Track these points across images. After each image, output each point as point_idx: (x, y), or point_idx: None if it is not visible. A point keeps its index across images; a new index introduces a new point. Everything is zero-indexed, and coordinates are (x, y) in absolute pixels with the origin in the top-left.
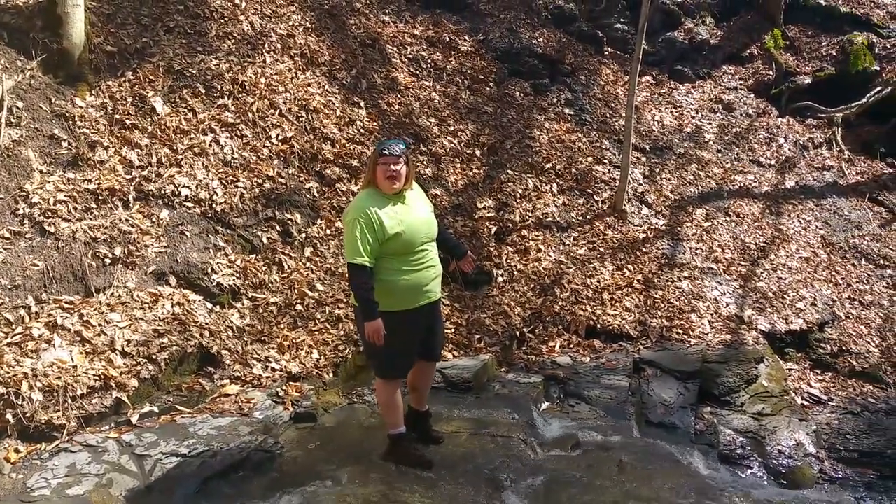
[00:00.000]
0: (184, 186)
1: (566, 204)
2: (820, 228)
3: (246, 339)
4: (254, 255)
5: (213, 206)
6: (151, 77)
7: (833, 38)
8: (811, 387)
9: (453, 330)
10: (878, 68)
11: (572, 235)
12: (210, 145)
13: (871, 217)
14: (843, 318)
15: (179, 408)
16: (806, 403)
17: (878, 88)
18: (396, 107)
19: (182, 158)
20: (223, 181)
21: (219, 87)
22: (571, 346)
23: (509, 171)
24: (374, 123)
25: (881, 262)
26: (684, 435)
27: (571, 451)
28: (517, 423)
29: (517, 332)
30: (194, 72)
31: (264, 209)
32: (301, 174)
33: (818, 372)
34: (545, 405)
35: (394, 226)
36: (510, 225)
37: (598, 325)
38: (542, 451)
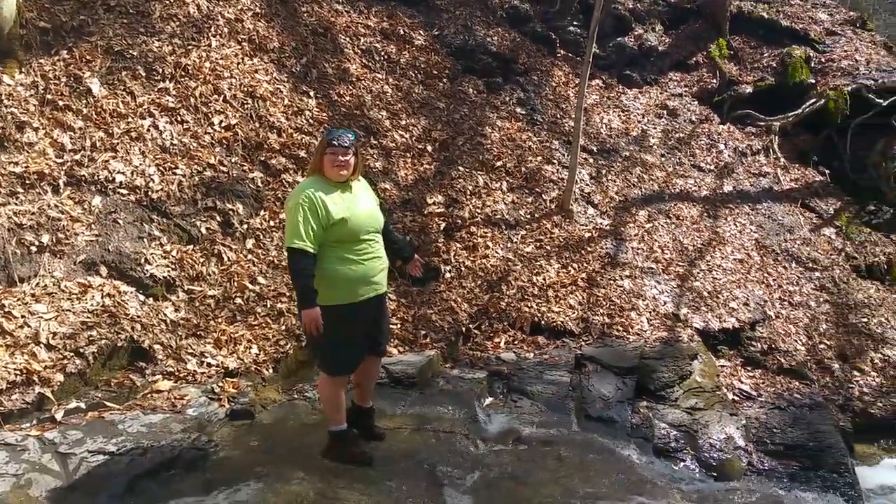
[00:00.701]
0: (118, 172)
1: (515, 202)
2: (754, 232)
3: (180, 333)
4: (191, 246)
5: (150, 193)
6: (88, 57)
7: (774, 51)
8: (742, 383)
9: (399, 325)
10: (813, 81)
11: (520, 233)
12: (148, 130)
13: (802, 222)
14: (774, 317)
15: (108, 404)
16: (736, 398)
17: (813, 100)
18: (347, 98)
19: (118, 143)
20: (161, 168)
21: (160, 70)
22: (516, 342)
23: (460, 168)
24: (324, 114)
25: (810, 264)
26: (621, 429)
27: (513, 445)
28: (460, 419)
29: (463, 328)
30: (135, 53)
31: (204, 198)
32: (244, 163)
33: (749, 369)
34: (489, 400)
35: (339, 211)
36: (459, 221)
37: (543, 322)
38: (483, 445)
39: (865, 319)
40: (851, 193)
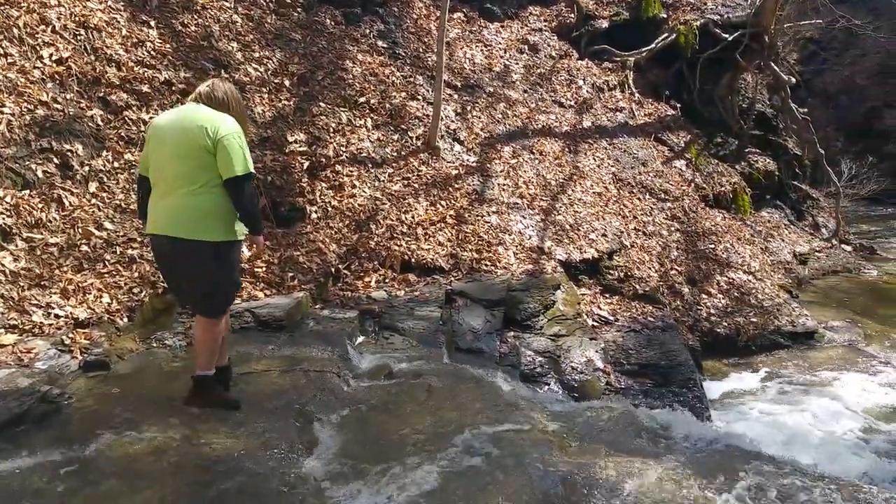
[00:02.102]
0: None
1: (381, 139)
2: (612, 166)
3: (22, 283)
4: (27, 191)
5: None
6: None
7: None
8: (600, 309)
9: (264, 269)
10: (665, 15)
11: (387, 171)
12: None
13: (655, 155)
14: (629, 246)
15: None
16: (596, 324)
17: (665, 35)
18: (193, 28)
19: None
20: None
21: None
22: (387, 280)
23: (321, 104)
24: (168, 45)
25: (662, 195)
26: (490, 358)
27: (384, 380)
28: (330, 358)
29: (332, 269)
30: None
31: (38, 139)
32: (81, 100)
33: (607, 296)
34: (360, 339)
35: None
36: (323, 160)
37: (413, 260)
38: (355, 382)
39: (712, 246)
40: (700, 126)
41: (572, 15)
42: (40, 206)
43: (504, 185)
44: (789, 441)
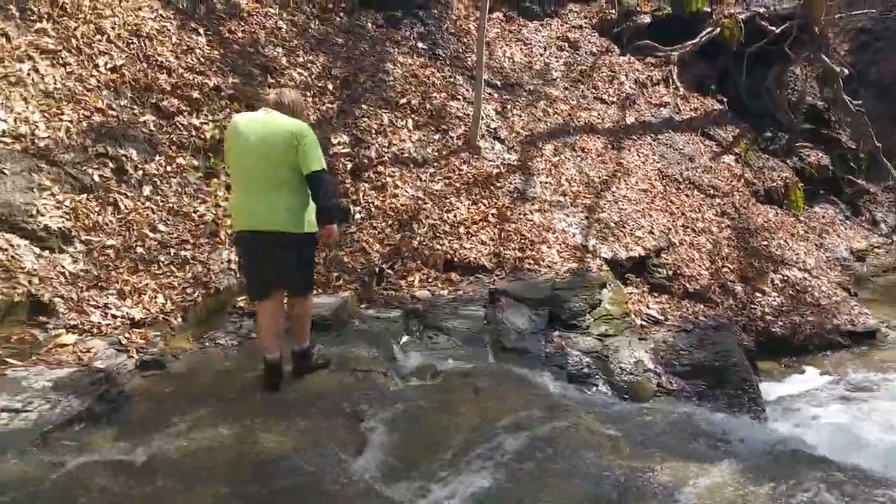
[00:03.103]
0: (0, 120)
1: (422, 140)
2: (657, 162)
3: (81, 285)
4: (85, 195)
5: (36, 141)
6: None
7: None
8: (649, 308)
9: None
10: (709, 9)
11: (429, 171)
12: (28, 74)
13: (702, 150)
14: (678, 244)
15: (10, 360)
16: (644, 324)
17: (709, 29)
18: (240, 34)
19: None
20: (45, 114)
21: (35, 10)
22: (430, 280)
23: (364, 106)
24: (216, 52)
25: (711, 191)
26: (536, 358)
27: (431, 379)
28: (377, 358)
29: (376, 269)
30: None
31: (94, 144)
32: (135, 106)
33: (655, 294)
34: (405, 338)
35: None
36: (366, 161)
37: (456, 259)
38: (402, 382)
39: (765, 242)
40: (748, 120)
41: (613, 11)
42: (97, 209)
43: (546, 182)
44: (853, 446)
